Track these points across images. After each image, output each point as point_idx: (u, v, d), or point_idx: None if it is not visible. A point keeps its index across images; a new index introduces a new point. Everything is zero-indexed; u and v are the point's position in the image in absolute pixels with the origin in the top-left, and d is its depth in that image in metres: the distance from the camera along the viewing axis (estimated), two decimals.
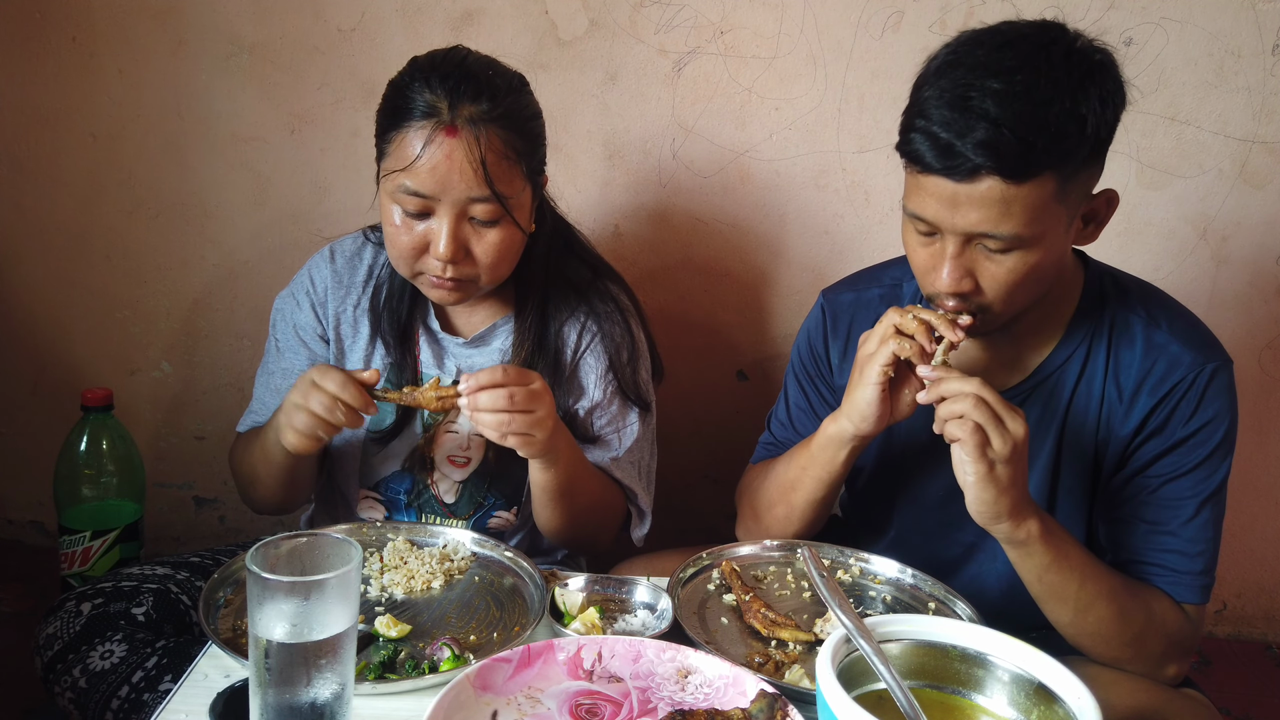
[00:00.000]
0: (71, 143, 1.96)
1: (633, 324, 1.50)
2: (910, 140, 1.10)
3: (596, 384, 1.46)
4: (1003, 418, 1.07)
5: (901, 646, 0.95)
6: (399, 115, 1.29)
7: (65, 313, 2.07)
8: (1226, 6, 1.74)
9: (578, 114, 1.88)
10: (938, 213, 1.10)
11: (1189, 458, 1.20)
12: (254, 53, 1.89)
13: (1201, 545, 1.20)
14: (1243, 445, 1.94)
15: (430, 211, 1.30)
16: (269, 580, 0.81)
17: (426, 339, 1.48)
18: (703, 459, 2.05)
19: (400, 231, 1.31)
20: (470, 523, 1.47)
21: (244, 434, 1.48)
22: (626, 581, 1.22)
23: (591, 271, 1.51)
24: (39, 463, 1.92)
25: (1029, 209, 1.07)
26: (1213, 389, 1.20)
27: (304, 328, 1.48)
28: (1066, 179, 1.08)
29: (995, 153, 1.03)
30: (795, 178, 1.89)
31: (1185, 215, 1.85)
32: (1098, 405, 1.24)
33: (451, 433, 1.47)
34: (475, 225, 1.31)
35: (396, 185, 1.28)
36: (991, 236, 1.09)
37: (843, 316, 1.41)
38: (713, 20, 1.82)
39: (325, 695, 0.84)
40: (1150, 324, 1.23)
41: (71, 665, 1.24)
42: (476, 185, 1.28)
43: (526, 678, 0.99)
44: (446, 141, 1.26)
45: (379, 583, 1.21)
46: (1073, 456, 1.26)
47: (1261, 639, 2.11)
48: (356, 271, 1.48)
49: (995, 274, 1.12)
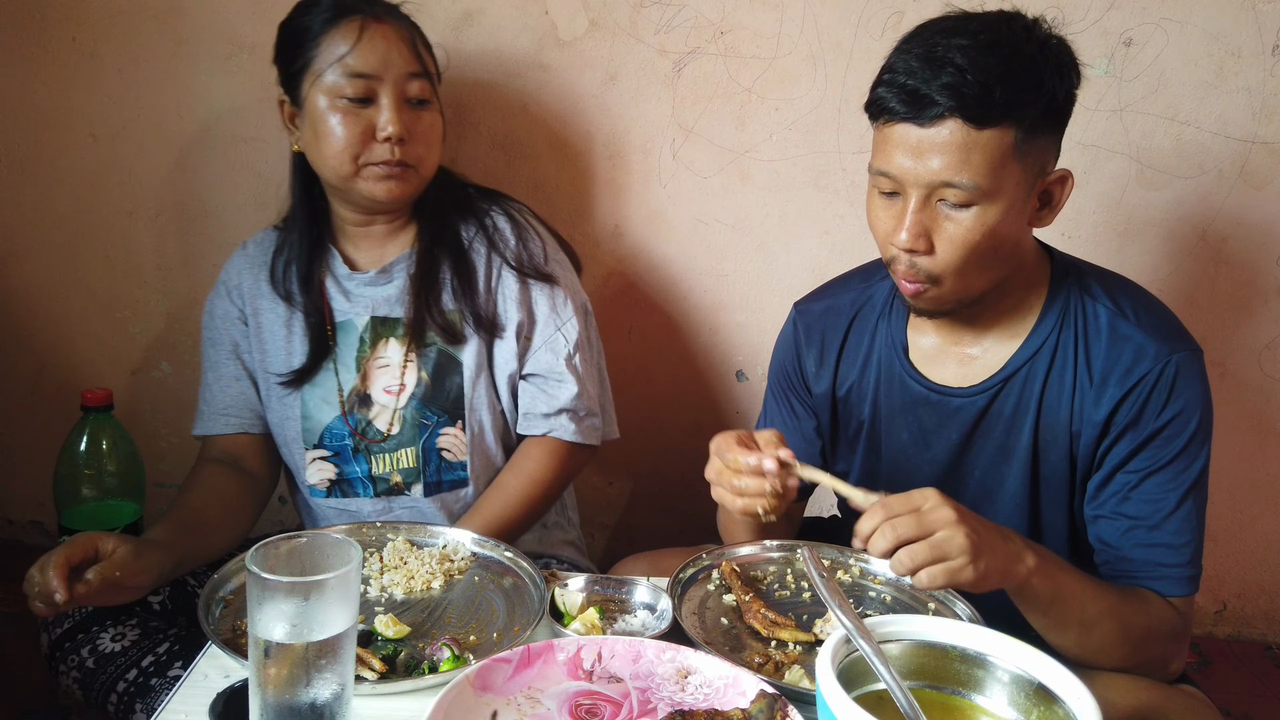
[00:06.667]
0: (71, 143, 1.96)
1: (520, 216, 1.57)
2: (878, 95, 1.15)
3: (498, 272, 1.53)
4: (927, 526, 1.02)
5: (901, 646, 0.95)
6: (321, 23, 1.41)
7: (65, 313, 2.07)
8: (1226, 7, 1.74)
9: (578, 114, 1.88)
10: (901, 165, 1.13)
11: (1166, 450, 1.20)
12: (254, 53, 1.89)
13: (1187, 536, 1.21)
14: (1243, 445, 1.96)
15: (372, 96, 1.40)
16: (269, 580, 0.81)
17: (333, 285, 1.53)
18: (703, 459, 2.04)
19: (343, 124, 1.40)
20: (420, 446, 1.50)
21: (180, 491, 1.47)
22: (626, 582, 1.22)
23: (484, 196, 1.60)
24: (39, 463, 1.92)
25: (988, 158, 1.10)
26: (1181, 379, 1.20)
27: (224, 316, 1.56)
28: (1024, 136, 1.11)
29: (959, 94, 1.08)
30: (795, 178, 1.89)
31: (1185, 215, 1.85)
32: (1070, 394, 1.25)
33: (382, 366, 1.51)
34: (411, 108, 1.43)
35: (340, 73, 1.39)
36: (952, 185, 1.11)
37: (815, 325, 1.42)
38: (713, 20, 1.82)
39: (325, 695, 0.84)
40: (1116, 314, 1.24)
41: (80, 645, 1.25)
42: (412, 60, 1.43)
43: (526, 678, 0.99)
44: (379, 27, 1.42)
45: (379, 583, 1.21)
46: (1050, 445, 1.27)
47: (1261, 639, 2.11)
48: (266, 251, 1.57)
49: (953, 234, 1.14)
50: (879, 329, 1.37)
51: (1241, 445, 1.97)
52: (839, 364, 1.40)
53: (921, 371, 1.32)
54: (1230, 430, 1.94)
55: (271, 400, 1.53)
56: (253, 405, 1.55)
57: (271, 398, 1.53)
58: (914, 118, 1.11)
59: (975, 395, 1.28)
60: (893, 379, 1.35)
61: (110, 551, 1.18)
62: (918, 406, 1.33)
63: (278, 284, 1.53)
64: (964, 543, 1.00)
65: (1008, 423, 1.28)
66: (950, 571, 1.01)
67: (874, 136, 1.19)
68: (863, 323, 1.39)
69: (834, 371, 1.40)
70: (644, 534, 2.13)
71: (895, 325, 1.35)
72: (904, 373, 1.33)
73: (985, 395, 1.28)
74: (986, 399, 1.28)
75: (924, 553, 1.00)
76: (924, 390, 1.31)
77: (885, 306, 1.37)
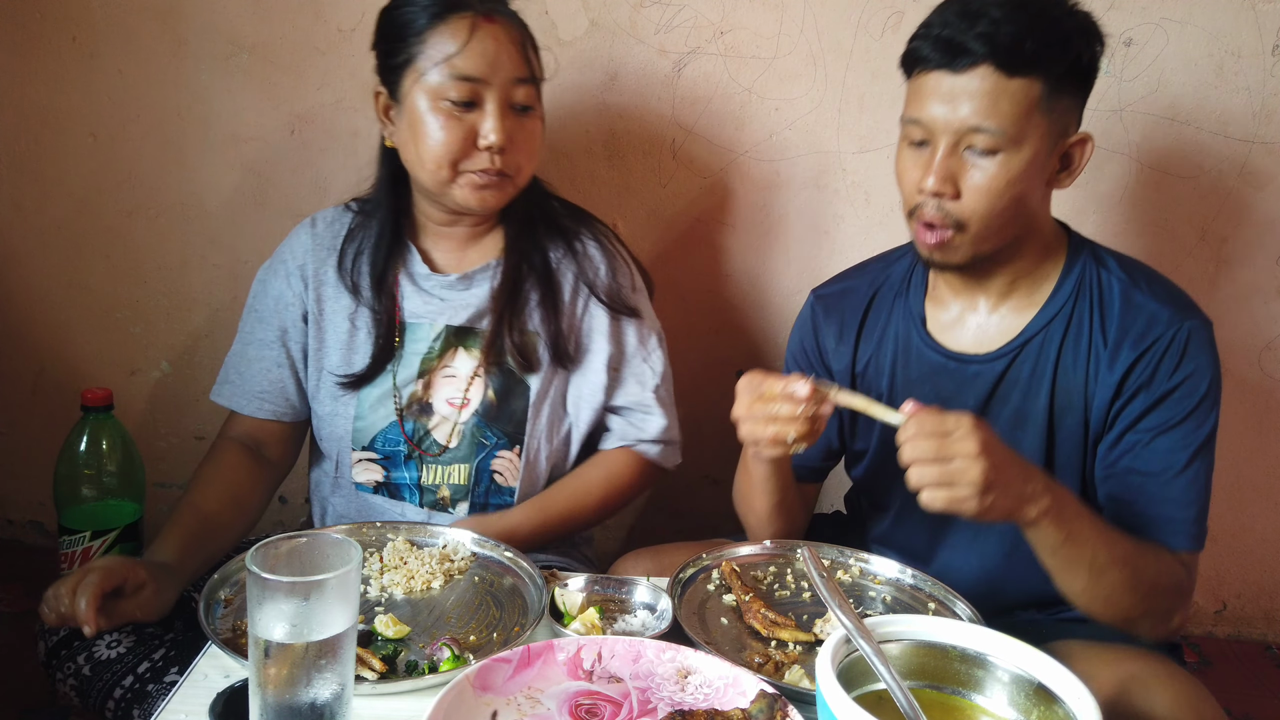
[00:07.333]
0: (71, 143, 1.96)
1: (609, 243, 1.54)
2: (913, 46, 1.24)
3: (586, 303, 1.50)
4: (946, 452, 1.05)
5: (901, 646, 0.95)
6: (429, 16, 1.34)
7: (65, 313, 2.07)
8: (1226, 7, 1.74)
9: (578, 114, 1.88)
10: (933, 112, 1.20)
11: (1177, 409, 1.25)
12: (254, 53, 1.89)
13: (1195, 494, 1.25)
14: (1243, 445, 1.96)
15: (477, 100, 1.34)
16: (269, 580, 0.81)
17: (407, 283, 1.47)
18: (703, 459, 2.04)
19: (444, 128, 1.33)
20: (474, 465, 1.46)
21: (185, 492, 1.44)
22: (626, 582, 1.22)
23: (571, 214, 1.55)
24: (39, 463, 1.92)
25: (1016, 106, 1.17)
26: (1193, 344, 1.25)
27: (279, 298, 1.49)
28: (1050, 91, 1.18)
29: (992, 42, 1.16)
30: (795, 178, 1.89)
31: (1185, 215, 1.85)
32: (1085, 359, 1.29)
33: (448, 376, 1.46)
34: (515, 115, 1.37)
35: (445, 74, 1.32)
36: (980, 130, 1.18)
37: (834, 306, 1.47)
38: (713, 20, 1.82)
39: (325, 695, 0.84)
40: (1131, 285, 1.29)
41: (77, 652, 1.24)
42: (521, 66, 1.36)
43: (526, 678, 0.99)
44: (490, 27, 1.34)
45: (379, 583, 1.21)
46: (1066, 410, 1.30)
47: (1261, 639, 2.11)
48: (337, 235, 1.50)
49: (978, 181, 1.20)
50: (896, 305, 1.42)
51: (1241, 445, 1.97)
52: (858, 341, 1.44)
53: (939, 340, 1.36)
54: (1230, 430, 1.93)
55: (321, 394, 1.48)
56: (289, 395, 1.49)
57: (322, 392, 1.47)
58: (948, 64, 1.19)
59: (992, 361, 1.32)
60: (910, 350, 1.38)
61: (139, 585, 1.19)
62: (935, 375, 1.36)
63: (345, 274, 1.46)
64: (976, 477, 1.04)
65: (1024, 388, 1.31)
66: (953, 500, 1.06)
67: (907, 89, 1.26)
68: (881, 302, 1.44)
69: (854, 347, 1.44)
70: (644, 533, 2.13)
71: (913, 299, 1.40)
72: (921, 343, 1.37)
73: (1002, 361, 1.31)
74: (1003, 365, 1.31)
75: (932, 475, 1.06)
76: (941, 359, 1.35)
77: (903, 284, 1.42)
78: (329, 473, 1.52)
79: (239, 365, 1.51)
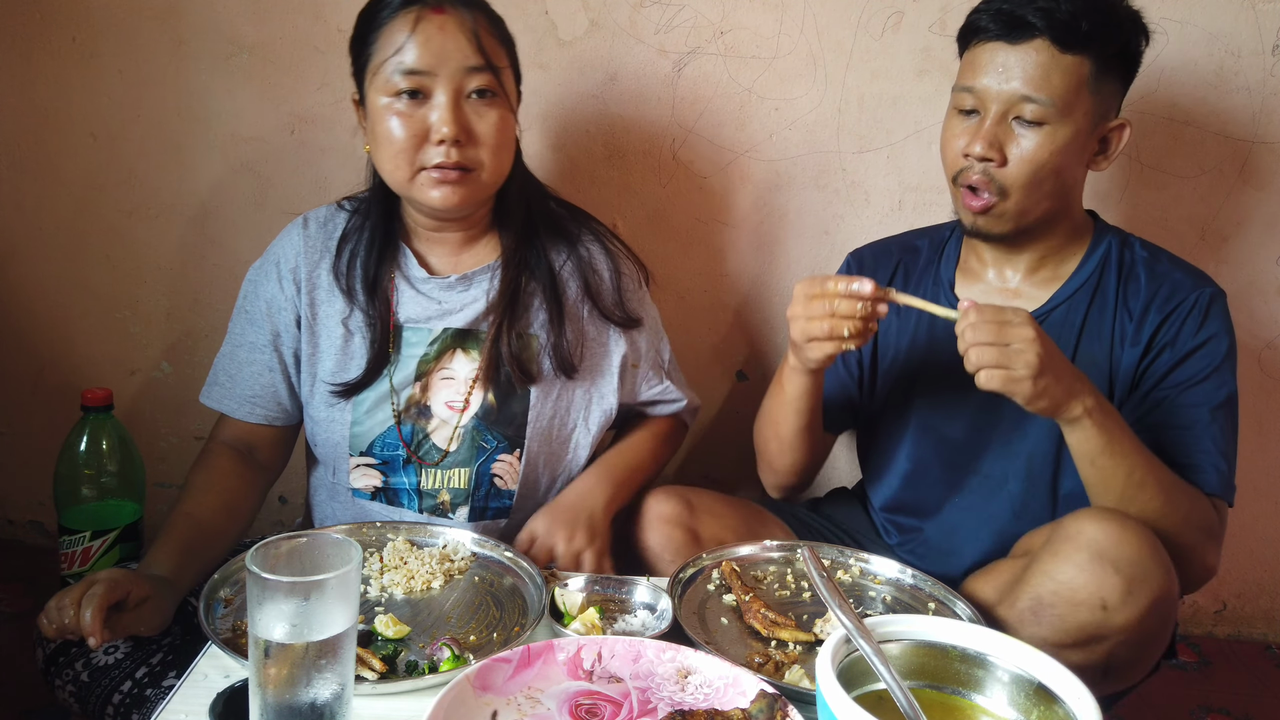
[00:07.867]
0: (71, 143, 1.96)
1: (611, 244, 1.55)
2: (973, 19, 1.32)
3: (589, 311, 1.51)
4: (1005, 337, 1.13)
5: (901, 646, 0.95)
6: (378, 15, 1.33)
7: (65, 313, 2.07)
8: (1226, 6, 1.74)
9: (578, 114, 1.88)
10: (987, 81, 1.29)
11: (1201, 365, 1.32)
12: (254, 53, 1.89)
13: (1223, 446, 1.31)
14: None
15: (425, 92, 1.31)
16: (269, 580, 0.81)
17: (404, 285, 1.45)
18: (703, 459, 2.05)
19: (396, 126, 1.31)
20: (474, 469, 1.44)
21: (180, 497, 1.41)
22: (626, 581, 1.22)
23: (571, 215, 1.55)
24: (39, 463, 1.92)
25: (1066, 81, 1.26)
26: (1214, 310, 1.34)
27: (271, 301, 1.46)
28: (1098, 72, 1.27)
29: (1051, 17, 1.24)
30: (795, 178, 1.89)
31: (1185, 215, 1.85)
32: (1110, 324, 1.37)
33: (446, 378, 1.44)
34: (473, 103, 1.32)
35: (391, 69, 1.30)
36: (1031, 100, 1.26)
37: (867, 261, 1.58)
38: (713, 20, 1.82)
39: (325, 695, 0.84)
40: (1152, 259, 1.39)
41: (75, 659, 1.24)
42: (472, 54, 1.31)
43: (526, 678, 0.99)
44: (436, 18, 1.30)
45: (379, 583, 1.21)
46: (1089, 373, 1.31)
47: (1261, 639, 2.11)
48: (330, 236, 1.47)
49: (1024, 150, 1.28)
50: (926, 271, 1.51)
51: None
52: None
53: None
54: None
55: (316, 400, 1.45)
56: (281, 399, 1.47)
57: (316, 397, 1.45)
58: (1006, 36, 1.27)
59: None
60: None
61: (142, 598, 1.18)
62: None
63: (340, 276, 1.43)
64: (1032, 359, 1.12)
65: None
66: (1008, 379, 1.13)
67: (962, 60, 1.35)
68: (908, 265, 1.53)
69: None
70: None
71: (944, 267, 1.49)
72: (948, 304, 1.38)
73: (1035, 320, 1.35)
74: None
75: (991, 356, 1.13)
76: None
77: (935, 253, 1.50)
78: (325, 479, 1.51)
79: (229, 368, 1.48)
